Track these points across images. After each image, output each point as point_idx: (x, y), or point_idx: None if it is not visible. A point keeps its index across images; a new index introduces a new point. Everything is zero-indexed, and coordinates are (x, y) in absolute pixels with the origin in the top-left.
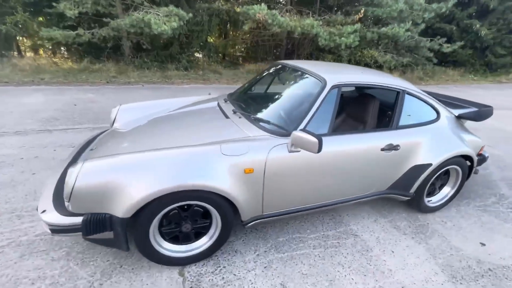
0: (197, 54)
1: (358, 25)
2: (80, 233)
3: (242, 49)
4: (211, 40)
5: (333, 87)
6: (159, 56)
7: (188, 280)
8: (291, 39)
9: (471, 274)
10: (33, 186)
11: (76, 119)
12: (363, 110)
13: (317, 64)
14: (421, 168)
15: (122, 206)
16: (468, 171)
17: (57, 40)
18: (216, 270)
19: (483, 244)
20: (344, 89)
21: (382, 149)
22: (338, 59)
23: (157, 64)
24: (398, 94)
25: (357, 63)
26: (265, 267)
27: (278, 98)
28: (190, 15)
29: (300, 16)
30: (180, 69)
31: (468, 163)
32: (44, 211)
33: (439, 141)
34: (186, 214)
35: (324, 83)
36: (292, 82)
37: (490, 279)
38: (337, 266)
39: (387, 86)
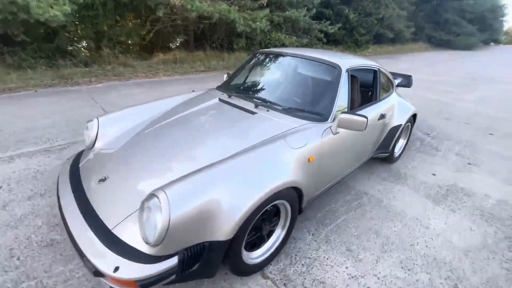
0: (91, 45)
1: (267, 10)
2: (173, 276)
3: (146, 37)
4: (106, 27)
5: (346, 71)
6: (41, 51)
7: (277, 279)
8: (200, 25)
9: (442, 195)
10: None
11: None
12: (352, 89)
13: (312, 51)
14: (396, 129)
15: (225, 228)
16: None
17: None
18: (291, 261)
19: (434, 174)
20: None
21: (378, 119)
22: (250, 43)
23: (44, 62)
24: (376, 72)
25: (266, 46)
26: (326, 242)
27: (295, 86)
28: None
29: (211, 1)
30: (79, 65)
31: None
32: (117, 268)
33: (400, 107)
34: (264, 217)
35: (339, 68)
36: (304, 69)
37: (452, 195)
38: (371, 220)
39: (370, 66)
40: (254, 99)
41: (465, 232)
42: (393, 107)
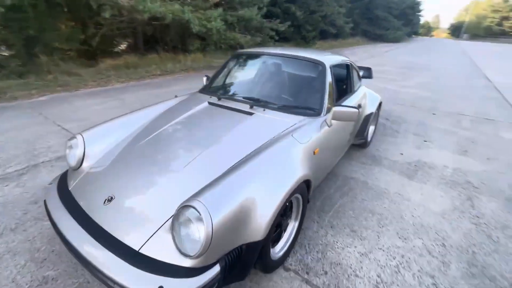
0: (21, 52)
1: (220, 10)
2: (216, 285)
3: (89, 42)
4: (37, 32)
5: (330, 67)
6: None
7: (299, 269)
8: (150, 26)
9: (412, 171)
10: None
11: None
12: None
13: (291, 50)
14: (369, 116)
15: (259, 228)
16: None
17: None
18: (306, 250)
19: (402, 154)
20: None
21: (356, 108)
22: (205, 43)
23: None
24: (349, 66)
25: (221, 46)
26: (331, 227)
27: (284, 85)
28: None
29: (162, 1)
30: (12, 77)
31: None
32: None
33: (369, 96)
34: (281, 212)
35: (324, 65)
36: (290, 68)
37: (420, 170)
38: (363, 201)
39: (344, 61)
40: (246, 100)
41: (438, 199)
42: (365, 97)
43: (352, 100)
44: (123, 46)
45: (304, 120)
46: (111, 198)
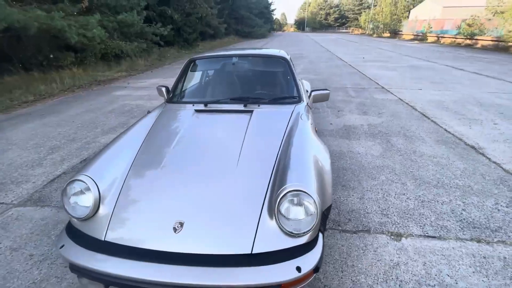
0: None
1: (98, 15)
2: None
3: None
4: None
5: (290, 59)
6: None
7: (332, 226)
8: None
9: (346, 134)
10: None
11: None
12: None
13: (246, 51)
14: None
15: (329, 194)
16: None
17: None
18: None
19: (331, 124)
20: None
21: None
22: (81, 56)
23: None
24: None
25: (103, 56)
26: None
27: (260, 81)
28: None
29: (20, 7)
30: None
31: None
32: (298, 268)
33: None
34: None
35: (286, 59)
36: (257, 66)
37: (350, 132)
38: (333, 163)
39: None
40: (234, 100)
41: (373, 147)
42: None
43: (305, 85)
44: None
45: (295, 106)
46: (181, 223)
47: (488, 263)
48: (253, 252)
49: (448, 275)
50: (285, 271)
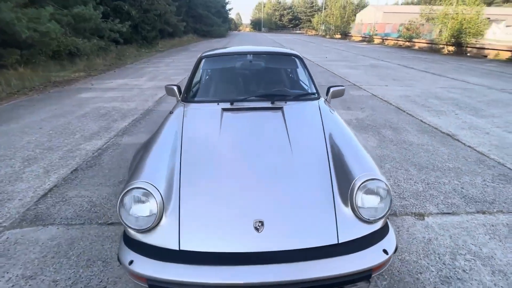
0: None
1: (50, 8)
2: None
3: None
4: None
5: (302, 57)
6: None
7: None
8: None
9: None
10: None
11: None
12: None
13: (256, 48)
14: None
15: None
16: None
17: None
18: None
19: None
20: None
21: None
22: (27, 53)
23: None
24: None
25: (55, 54)
26: None
27: (280, 77)
28: None
29: None
30: None
31: None
32: (385, 251)
33: None
34: None
35: (297, 56)
36: (272, 63)
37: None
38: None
39: None
40: (260, 98)
41: (369, 140)
42: None
43: None
44: None
45: (318, 102)
46: (261, 222)
47: (497, 230)
48: (339, 242)
49: (472, 244)
50: (374, 256)
